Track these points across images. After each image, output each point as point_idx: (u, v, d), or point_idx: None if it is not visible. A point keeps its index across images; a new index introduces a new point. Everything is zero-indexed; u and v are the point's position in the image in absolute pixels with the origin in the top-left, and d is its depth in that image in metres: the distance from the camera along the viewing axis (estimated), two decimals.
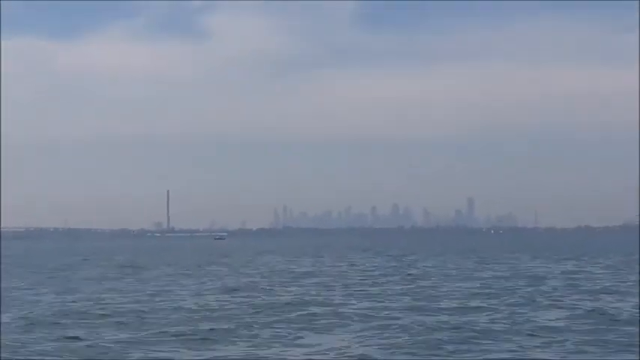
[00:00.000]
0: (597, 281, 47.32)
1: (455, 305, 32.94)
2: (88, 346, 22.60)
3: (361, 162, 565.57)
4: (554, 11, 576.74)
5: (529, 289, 41.02)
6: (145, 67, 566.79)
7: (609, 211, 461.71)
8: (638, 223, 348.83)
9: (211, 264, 75.40)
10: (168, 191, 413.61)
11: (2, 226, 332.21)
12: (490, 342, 22.68)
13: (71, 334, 24.61)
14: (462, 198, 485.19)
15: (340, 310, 30.94)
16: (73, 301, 35.83)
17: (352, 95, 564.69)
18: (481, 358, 20.32)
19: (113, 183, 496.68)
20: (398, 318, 28.30)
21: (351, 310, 30.56)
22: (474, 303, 33.56)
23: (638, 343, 22.20)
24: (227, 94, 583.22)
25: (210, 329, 25.31)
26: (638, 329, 24.69)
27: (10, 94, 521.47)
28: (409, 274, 55.76)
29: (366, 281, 48.75)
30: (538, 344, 22.57)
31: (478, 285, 44.75)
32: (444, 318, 28.14)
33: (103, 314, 29.82)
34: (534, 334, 24.25)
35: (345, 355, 21.29)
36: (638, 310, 29.90)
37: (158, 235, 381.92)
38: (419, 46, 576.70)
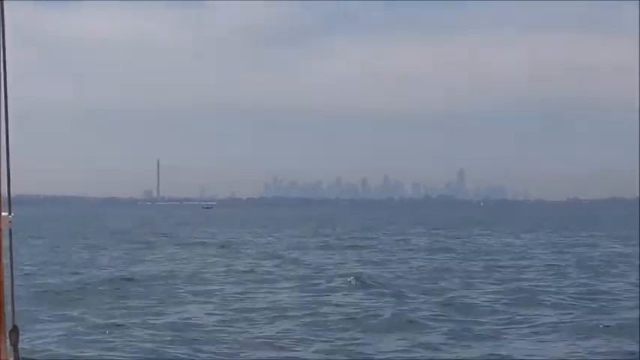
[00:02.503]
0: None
1: None
2: None
3: (353, 134, 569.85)
4: None
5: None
6: (137, 34, 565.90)
7: (598, 184, 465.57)
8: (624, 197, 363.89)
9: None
10: (158, 160, 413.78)
11: None
12: None
13: None
14: (453, 170, 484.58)
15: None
16: None
17: (345, 67, 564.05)
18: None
19: (103, 151, 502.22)
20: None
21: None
22: None
23: None
24: (219, 64, 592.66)
25: None
26: None
27: None
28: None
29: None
30: None
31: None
32: None
33: None
34: None
35: None
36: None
37: (148, 203, 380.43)
38: (413, 18, 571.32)
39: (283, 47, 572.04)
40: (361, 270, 37.41)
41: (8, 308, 2.58)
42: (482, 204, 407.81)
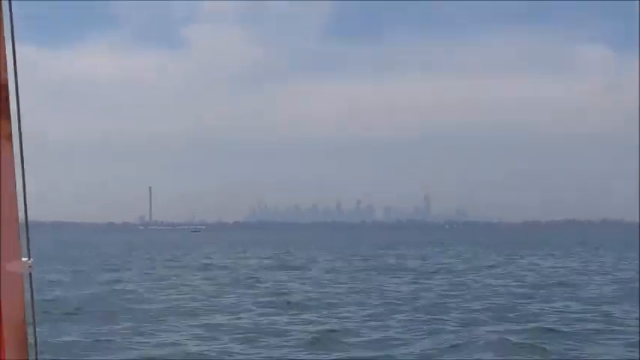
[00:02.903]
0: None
1: None
2: None
3: (329, 162, 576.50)
4: (504, 25, 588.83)
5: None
6: (130, 74, 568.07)
7: (554, 207, 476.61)
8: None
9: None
10: (150, 187, 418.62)
11: None
12: None
13: None
14: (420, 195, 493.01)
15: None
16: None
17: (320, 101, 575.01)
18: None
19: (99, 179, 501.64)
20: None
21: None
22: None
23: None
24: (205, 99, 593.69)
25: None
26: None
27: None
28: None
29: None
30: None
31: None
32: None
33: None
34: None
35: None
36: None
37: (141, 227, 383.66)
38: (380, 57, 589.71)
39: (266, 83, 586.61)
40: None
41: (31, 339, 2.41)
42: (447, 226, 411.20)
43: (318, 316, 27.48)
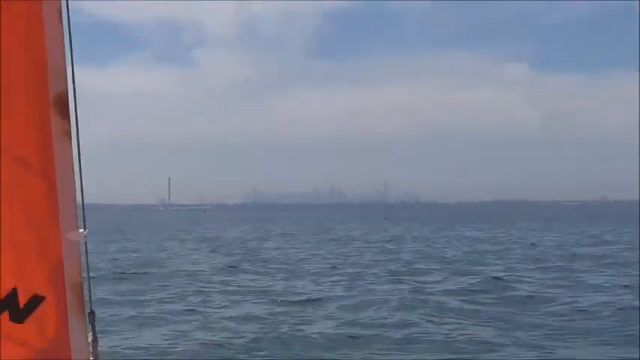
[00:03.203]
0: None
1: None
2: None
3: (312, 158, 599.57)
4: (456, 44, 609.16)
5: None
6: (150, 88, 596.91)
7: (486, 189, 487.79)
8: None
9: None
10: (169, 178, 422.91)
11: None
12: None
13: None
14: (380, 182, 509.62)
15: None
16: None
17: (306, 108, 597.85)
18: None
19: (132, 171, 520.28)
20: None
21: None
22: None
23: None
24: (211, 107, 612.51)
25: None
26: None
27: None
28: None
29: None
30: None
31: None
32: None
33: None
34: None
35: None
36: None
37: (162, 208, 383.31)
38: (354, 71, 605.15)
39: (261, 95, 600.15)
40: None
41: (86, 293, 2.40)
42: (403, 207, 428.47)
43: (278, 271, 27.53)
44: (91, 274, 2.52)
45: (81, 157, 2.39)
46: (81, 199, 2.38)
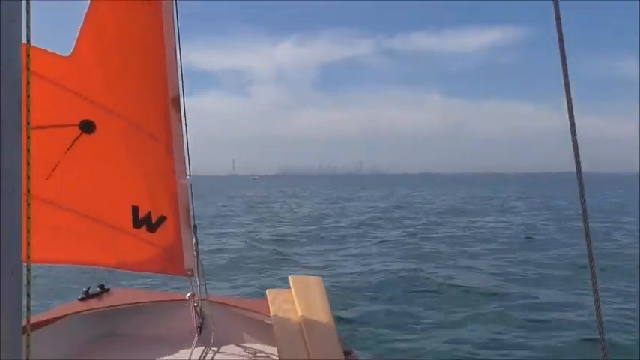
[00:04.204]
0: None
1: None
2: None
3: (317, 148, 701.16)
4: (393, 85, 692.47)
5: None
6: (225, 108, 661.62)
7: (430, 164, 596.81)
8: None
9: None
10: (233, 160, 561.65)
11: None
12: None
13: None
14: (358, 161, 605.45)
15: None
16: None
17: (313, 119, 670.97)
18: None
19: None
20: None
21: None
22: None
23: None
24: (259, 119, 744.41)
25: None
26: None
27: None
28: None
29: None
30: None
31: None
32: None
33: None
34: None
35: None
36: None
37: (228, 176, 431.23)
38: (341, 99, 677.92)
39: (286, 110, 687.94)
40: None
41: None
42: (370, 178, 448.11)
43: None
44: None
45: (187, 135, 2.83)
46: (187, 159, 2.85)
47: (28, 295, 1.16)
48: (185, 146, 2.92)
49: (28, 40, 1.19)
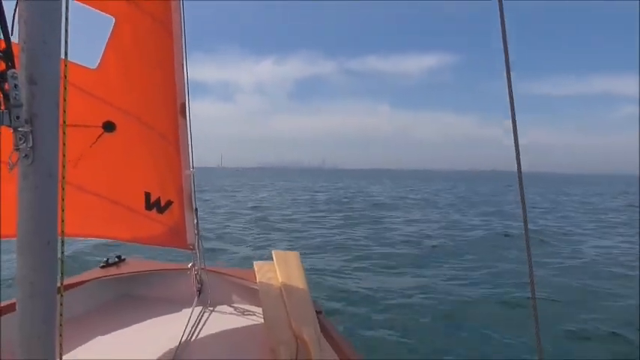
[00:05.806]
0: None
1: None
2: None
3: (296, 147, 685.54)
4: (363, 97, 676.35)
5: None
6: (213, 113, 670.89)
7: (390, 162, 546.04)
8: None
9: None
10: (221, 154, 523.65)
11: None
12: None
13: None
14: (320, 159, 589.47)
15: None
16: None
17: (289, 124, 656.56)
18: None
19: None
20: None
21: None
22: None
23: None
24: (244, 122, 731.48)
25: None
26: None
27: None
28: None
29: None
30: None
31: None
32: None
33: None
34: None
35: None
36: None
37: (216, 168, 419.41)
38: (313, 107, 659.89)
39: (265, 116, 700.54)
40: None
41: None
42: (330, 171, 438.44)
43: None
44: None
45: (192, 136, 2.92)
46: (191, 155, 2.94)
47: (62, 261, 1.25)
48: (189, 144, 3.02)
49: (66, 55, 1.30)
